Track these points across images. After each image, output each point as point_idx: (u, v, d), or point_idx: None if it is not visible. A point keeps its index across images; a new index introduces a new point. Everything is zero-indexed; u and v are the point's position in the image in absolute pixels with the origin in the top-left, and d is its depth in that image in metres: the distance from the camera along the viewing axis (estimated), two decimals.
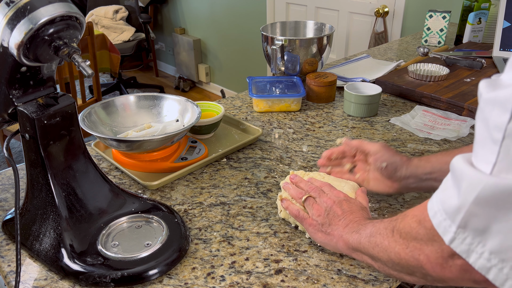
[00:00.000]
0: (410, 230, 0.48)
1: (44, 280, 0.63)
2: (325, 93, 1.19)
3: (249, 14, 3.14)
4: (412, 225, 0.47)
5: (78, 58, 0.59)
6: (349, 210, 0.64)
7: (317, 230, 0.65)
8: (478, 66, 1.31)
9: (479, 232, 0.39)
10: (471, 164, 0.39)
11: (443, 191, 0.43)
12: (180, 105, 0.94)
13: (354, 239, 0.59)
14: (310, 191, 0.70)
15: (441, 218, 0.42)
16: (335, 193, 0.68)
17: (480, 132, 0.39)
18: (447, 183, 0.43)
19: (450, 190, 0.41)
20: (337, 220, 0.63)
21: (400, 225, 0.50)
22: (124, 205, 0.73)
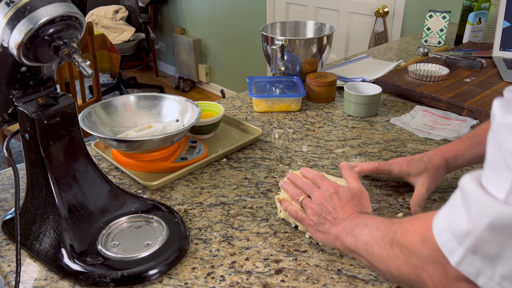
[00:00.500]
0: (413, 248, 0.46)
1: (44, 280, 0.63)
2: (325, 93, 1.19)
3: (249, 14, 3.14)
4: (414, 242, 0.46)
5: (78, 58, 0.59)
6: (339, 205, 0.64)
7: (315, 230, 0.66)
8: (478, 66, 1.31)
9: (490, 257, 0.37)
10: (482, 186, 0.38)
11: (451, 210, 0.41)
12: (180, 105, 0.94)
13: (351, 242, 0.59)
14: (305, 189, 0.70)
15: (447, 239, 0.40)
16: (325, 186, 0.68)
17: (493, 155, 0.38)
18: (455, 202, 0.41)
19: (459, 211, 0.40)
20: (330, 217, 0.64)
21: (400, 239, 0.49)
22: (124, 205, 0.73)
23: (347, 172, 0.73)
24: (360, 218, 0.60)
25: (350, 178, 0.71)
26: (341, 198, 0.65)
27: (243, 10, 3.18)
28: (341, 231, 0.61)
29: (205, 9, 3.52)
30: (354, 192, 0.67)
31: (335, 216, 0.63)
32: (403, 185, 0.83)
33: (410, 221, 0.49)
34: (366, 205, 0.66)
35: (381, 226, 0.54)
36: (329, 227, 0.63)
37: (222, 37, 3.49)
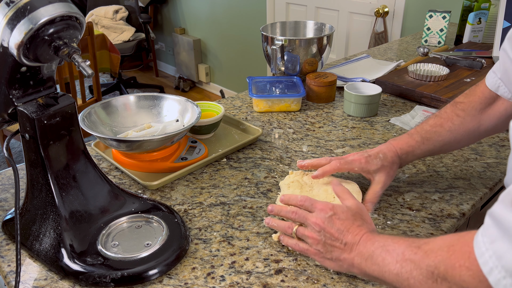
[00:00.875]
0: (465, 285, 0.44)
1: (44, 280, 0.63)
2: (325, 93, 1.19)
3: (249, 14, 3.14)
4: (466, 280, 0.44)
5: (78, 58, 0.59)
6: (344, 228, 0.60)
7: (323, 258, 0.62)
8: (478, 66, 1.31)
9: None
10: None
11: (492, 242, 0.40)
12: (180, 105, 0.94)
13: (374, 270, 0.55)
14: (294, 217, 0.65)
15: (500, 276, 0.39)
16: (320, 208, 0.63)
17: None
18: (494, 233, 0.40)
19: (503, 244, 0.39)
20: (338, 244, 0.60)
21: (447, 275, 0.46)
22: (124, 205, 0.73)
23: (339, 188, 0.68)
24: (376, 242, 0.57)
25: (344, 194, 0.67)
26: (343, 220, 0.61)
27: (243, 10, 3.18)
28: (357, 258, 0.58)
29: (205, 9, 3.52)
30: (354, 210, 0.63)
31: (344, 241, 0.59)
32: (403, 185, 0.83)
33: (449, 252, 0.46)
34: (369, 221, 0.63)
35: (408, 255, 0.51)
36: (340, 254, 0.59)
37: (222, 37, 3.49)
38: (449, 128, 0.76)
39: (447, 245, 0.48)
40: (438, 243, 0.49)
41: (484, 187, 0.83)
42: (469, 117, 0.76)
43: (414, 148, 0.77)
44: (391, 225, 0.73)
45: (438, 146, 0.77)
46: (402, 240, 0.54)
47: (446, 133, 0.76)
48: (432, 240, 0.51)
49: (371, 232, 0.60)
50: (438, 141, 0.77)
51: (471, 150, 0.95)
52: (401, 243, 0.54)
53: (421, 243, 0.51)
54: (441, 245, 0.49)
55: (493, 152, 0.94)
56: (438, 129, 0.77)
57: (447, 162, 0.91)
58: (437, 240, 0.50)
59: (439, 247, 0.49)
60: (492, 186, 0.83)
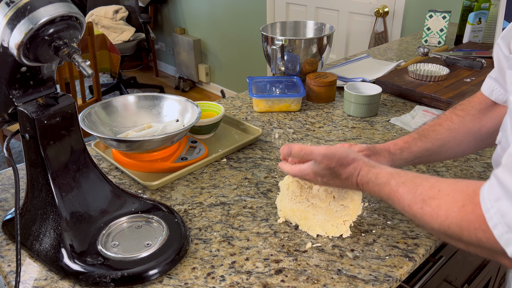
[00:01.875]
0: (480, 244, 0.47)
1: (44, 280, 0.63)
2: (325, 93, 1.19)
3: (249, 14, 3.14)
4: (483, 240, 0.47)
5: (78, 58, 0.59)
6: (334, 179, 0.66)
7: (326, 182, 0.67)
8: (478, 66, 1.31)
9: None
10: None
11: (497, 201, 0.44)
12: (180, 105, 0.94)
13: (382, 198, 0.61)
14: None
15: (503, 231, 0.43)
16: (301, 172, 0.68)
17: None
18: (498, 193, 0.44)
19: (506, 203, 0.43)
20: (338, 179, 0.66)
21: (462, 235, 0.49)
22: (124, 205, 0.73)
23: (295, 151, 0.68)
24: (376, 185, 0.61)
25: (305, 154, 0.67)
26: (329, 180, 0.66)
27: (243, 10, 3.18)
28: (361, 187, 0.64)
29: (205, 9, 3.52)
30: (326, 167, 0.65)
31: (343, 178, 0.65)
32: None
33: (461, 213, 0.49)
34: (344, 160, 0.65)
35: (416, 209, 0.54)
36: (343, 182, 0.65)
37: (222, 37, 3.49)
38: (448, 127, 0.75)
39: (457, 206, 0.49)
40: (446, 200, 0.50)
41: None
42: (469, 116, 0.75)
43: (409, 144, 0.76)
44: (391, 225, 0.73)
45: (437, 145, 0.75)
46: (401, 189, 0.56)
47: (445, 131, 0.75)
48: (437, 194, 0.52)
49: (360, 178, 0.63)
50: (437, 139, 0.75)
51: None
52: (402, 193, 0.56)
53: (426, 197, 0.53)
54: (450, 203, 0.50)
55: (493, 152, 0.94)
56: (436, 127, 0.76)
57: (447, 162, 0.91)
58: (443, 195, 0.51)
59: (447, 205, 0.50)
60: None
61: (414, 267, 0.66)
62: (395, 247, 0.68)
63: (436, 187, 0.52)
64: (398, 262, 0.65)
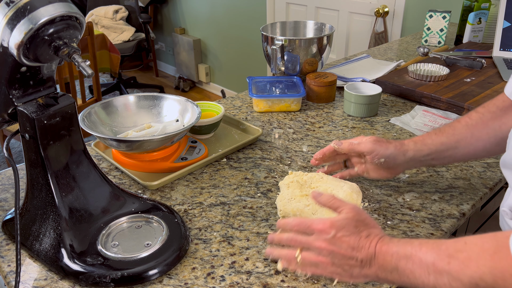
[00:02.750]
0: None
1: (44, 280, 0.63)
2: (325, 93, 1.19)
3: (249, 14, 3.14)
4: None
5: (78, 58, 0.59)
6: (353, 244, 0.56)
7: (344, 277, 0.58)
8: (478, 66, 1.31)
9: None
10: None
11: None
12: (180, 105, 0.94)
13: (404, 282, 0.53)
14: (295, 245, 0.60)
15: None
16: (318, 230, 0.58)
17: None
18: None
19: None
20: (353, 262, 0.56)
21: (496, 285, 0.46)
22: (124, 205, 0.73)
23: (324, 198, 0.62)
24: (395, 253, 0.54)
25: (335, 203, 0.61)
26: (348, 236, 0.57)
27: (243, 10, 3.18)
28: (380, 272, 0.55)
29: (205, 9, 3.52)
30: (353, 218, 0.58)
31: (359, 258, 0.56)
32: (403, 185, 0.83)
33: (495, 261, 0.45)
34: (372, 223, 0.59)
35: (441, 266, 0.49)
36: (360, 270, 0.56)
37: (222, 37, 3.49)
38: (466, 123, 0.72)
39: (489, 253, 0.46)
40: (475, 251, 0.47)
41: (484, 187, 0.83)
42: (489, 113, 0.72)
43: (424, 138, 0.74)
44: (391, 225, 0.73)
45: (452, 139, 0.72)
46: (424, 248, 0.52)
47: (462, 127, 0.73)
48: (463, 247, 0.48)
49: (382, 239, 0.57)
50: (453, 134, 0.72)
51: None
52: (425, 252, 0.51)
53: (452, 251, 0.49)
54: (480, 253, 0.46)
55: None
56: (454, 123, 0.74)
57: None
58: (471, 246, 0.48)
59: (478, 255, 0.47)
60: (492, 186, 0.83)
61: None
62: None
63: (462, 240, 0.49)
64: None
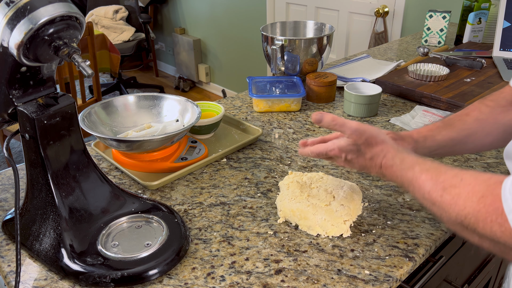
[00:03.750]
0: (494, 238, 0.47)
1: (44, 280, 0.63)
2: (325, 93, 1.19)
3: (249, 14, 3.14)
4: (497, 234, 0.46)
5: (78, 58, 0.59)
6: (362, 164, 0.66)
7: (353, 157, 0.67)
8: (478, 66, 1.31)
9: None
10: None
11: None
12: (180, 105, 0.94)
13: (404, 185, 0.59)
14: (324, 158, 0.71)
15: None
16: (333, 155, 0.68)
17: None
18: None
19: None
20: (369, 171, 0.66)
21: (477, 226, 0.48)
22: (124, 205, 0.73)
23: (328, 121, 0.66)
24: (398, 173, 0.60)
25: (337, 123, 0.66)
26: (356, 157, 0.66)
27: (243, 10, 3.18)
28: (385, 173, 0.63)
29: (205, 9, 3.52)
30: (354, 142, 0.65)
31: (371, 171, 0.65)
32: None
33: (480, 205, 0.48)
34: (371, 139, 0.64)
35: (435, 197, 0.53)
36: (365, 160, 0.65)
37: (222, 37, 3.49)
38: (476, 117, 0.72)
39: (477, 196, 0.48)
40: (466, 190, 0.49)
41: None
42: (499, 107, 0.71)
43: (433, 133, 0.73)
44: (391, 225, 0.73)
45: (462, 134, 0.72)
46: (424, 176, 0.56)
47: (473, 121, 0.72)
48: (458, 183, 0.51)
49: (384, 159, 0.62)
50: (463, 129, 0.72)
51: None
52: (424, 180, 0.55)
53: (447, 185, 0.52)
54: (470, 193, 0.49)
55: (493, 152, 0.94)
56: (463, 117, 0.73)
57: (447, 162, 0.91)
58: (465, 185, 0.50)
59: (467, 195, 0.49)
60: None
61: (414, 267, 0.66)
62: (395, 247, 0.68)
63: (459, 176, 0.52)
64: (398, 262, 0.65)
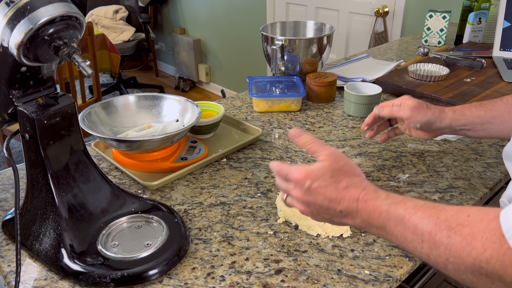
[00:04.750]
0: None
1: (44, 280, 0.63)
2: (325, 93, 1.19)
3: (249, 14, 3.14)
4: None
5: (78, 58, 0.59)
6: (330, 196, 0.53)
7: (329, 221, 0.57)
8: (478, 66, 1.31)
9: None
10: None
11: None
12: (180, 105, 0.94)
13: (391, 240, 0.50)
14: (280, 189, 0.60)
15: None
16: (295, 180, 0.56)
17: None
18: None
19: None
20: (333, 212, 0.54)
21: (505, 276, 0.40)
22: (124, 205, 0.73)
23: (305, 140, 0.58)
24: (383, 212, 0.50)
25: (313, 146, 0.57)
26: (323, 187, 0.53)
27: (243, 10, 3.18)
28: (365, 226, 0.52)
29: (205, 9, 3.52)
30: (329, 167, 0.54)
31: (338, 210, 0.53)
32: (403, 185, 0.83)
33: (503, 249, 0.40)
34: (351, 171, 0.55)
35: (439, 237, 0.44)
36: (341, 219, 0.54)
37: (222, 37, 3.49)
38: (507, 101, 0.75)
39: (497, 234, 0.40)
40: (480, 228, 0.41)
41: (484, 187, 0.83)
42: None
43: (463, 107, 0.77)
44: None
45: (490, 114, 0.75)
46: (420, 213, 0.47)
47: (502, 104, 0.75)
48: (466, 221, 0.43)
49: (365, 191, 0.52)
50: (491, 110, 0.75)
51: (471, 150, 0.95)
52: (421, 218, 0.46)
53: (453, 224, 0.43)
54: (486, 231, 0.41)
55: (493, 152, 0.94)
56: (496, 100, 0.76)
57: (447, 162, 0.91)
58: (475, 221, 0.42)
59: (483, 234, 0.41)
60: (492, 186, 0.83)
61: (414, 267, 0.66)
62: (395, 247, 0.68)
63: (465, 212, 0.44)
64: (398, 262, 0.65)
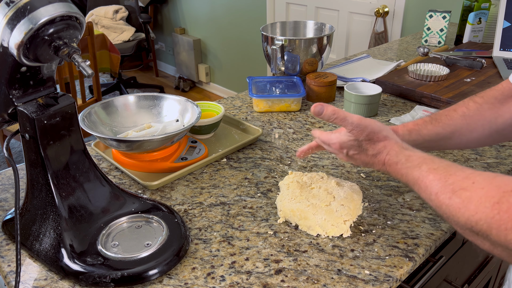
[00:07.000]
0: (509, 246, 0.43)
1: (44, 280, 0.63)
2: (325, 93, 1.19)
3: (249, 14, 3.14)
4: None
5: (78, 58, 0.59)
6: (364, 160, 0.65)
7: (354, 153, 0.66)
8: (478, 66, 1.31)
9: None
10: None
11: None
12: (180, 105, 0.94)
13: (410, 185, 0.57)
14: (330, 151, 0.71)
15: None
16: (334, 149, 0.68)
17: None
18: None
19: None
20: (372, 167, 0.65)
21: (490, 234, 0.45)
22: (124, 205, 0.73)
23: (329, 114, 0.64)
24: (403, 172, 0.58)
25: (338, 117, 0.63)
26: (358, 153, 0.65)
27: (243, 10, 3.18)
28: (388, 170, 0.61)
29: (205, 9, 3.52)
30: (355, 138, 0.64)
31: (376, 168, 0.64)
32: (403, 185, 0.83)
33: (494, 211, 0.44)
34: (372, 135, 0.63)
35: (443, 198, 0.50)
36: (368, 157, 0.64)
37: (222, 37, 3.49)
38: (463, 113, 0.72)
39: (491, 202, 0.45)
40: (478, 194, 0.46)
41: None
42: (487, 104, 0.71)
43: (419, 127, 0.73)
44: (391, 225, 0.73)
45: (448, 130, 0.72)
46: (432, 176, 0.53)
47: (459, 117, 0.72)
48: (470, 186, 0.48)
49: (388, 156, 0.61)
50: (448, 125, 0.72)
51: (471, 150, 0.95)
52: (431, 180, 0.53)
53: (457, 188, 0.49)
54: (482, 197, 0.46)
55: (493, 152, 0.94)
56: (450, 113, 0.73)
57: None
58: (476, 188, 0.47)
59: (479, 199, 0.46)
60: None
61: (414, 267, 0.66)
62: (395, 247, 0.68)
63: (471, 178, 0.48)
64: (398, 262, 0.65)
